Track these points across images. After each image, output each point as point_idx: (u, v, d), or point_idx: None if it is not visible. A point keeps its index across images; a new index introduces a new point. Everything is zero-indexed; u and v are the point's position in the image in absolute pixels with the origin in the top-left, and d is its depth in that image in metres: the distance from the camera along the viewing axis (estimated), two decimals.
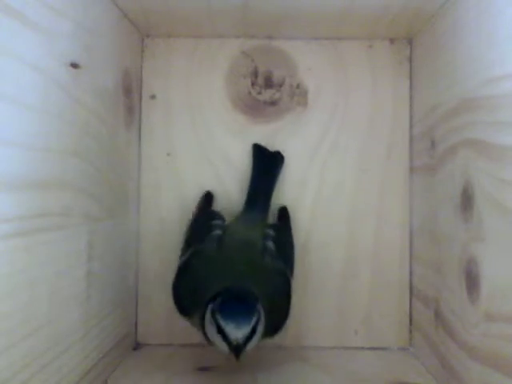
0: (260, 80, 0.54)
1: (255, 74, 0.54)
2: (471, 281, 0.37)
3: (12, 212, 0.28)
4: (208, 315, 0.36)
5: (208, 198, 0.52)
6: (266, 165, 0.52)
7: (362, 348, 0.53)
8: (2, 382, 0.27)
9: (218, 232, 0.44)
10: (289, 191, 0.54)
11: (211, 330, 0.36)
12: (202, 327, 0.37)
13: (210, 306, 0.36)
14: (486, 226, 0.34)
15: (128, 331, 0.51)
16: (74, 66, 0.36)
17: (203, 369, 0.46)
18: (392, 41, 0.54)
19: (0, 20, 0.27)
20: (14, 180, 0.29)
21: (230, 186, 0.54)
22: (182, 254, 0.45)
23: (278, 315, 0.41)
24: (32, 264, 0.31)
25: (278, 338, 0.53)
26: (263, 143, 0.54)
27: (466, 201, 0.38)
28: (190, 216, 0.52)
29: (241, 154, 0.54)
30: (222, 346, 0.35)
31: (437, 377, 0.44)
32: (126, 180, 0.50)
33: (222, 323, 0.35)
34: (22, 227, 0.29)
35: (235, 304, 0.35)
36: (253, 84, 0.54)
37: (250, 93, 0.54)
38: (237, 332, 0.34)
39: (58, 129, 0.34)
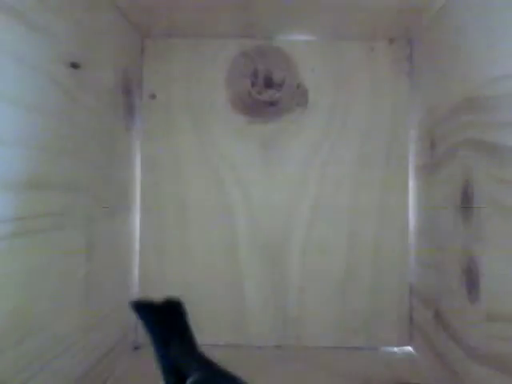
0: (260, 80, 0.54)
1: (255, 74, 0.54)
2: (471, 281, 0.37)
3: (12, 212, 0.28)
4: None
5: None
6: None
7: (362, 348, 0.53)
8: (2, 381, 0.27)
9: None
10: (289, 191, 0.54)
11: None
12: None
13: None
14: (485, 226, 0.34)
15: (128, 331, 0.51)
16: (74, 65, 0.36)
17: None
18: (392, 40, 0.54)
19: (0, 20, 0.27)
20: (13, 180, 0.29)
21: (230, 186, 0.54)
22: None
23: None
24: (32, 264, 0.31)
25: (278, 338, 0.54)
26: (263, 143, 0.54)
27: (466, 201, 0.38)
28: (190, 216, 0.53)
29: (241, 154, 0.54)
30: None
31: (437, 377, 0.44)
32: (126, 180, 0.50)
33: None
34: (22, 227, 0.29)
35: None
36: (253, 84, 0.54)
37: (250, 93, 0.54)
38: None
39: (57, 129, 0.34)
